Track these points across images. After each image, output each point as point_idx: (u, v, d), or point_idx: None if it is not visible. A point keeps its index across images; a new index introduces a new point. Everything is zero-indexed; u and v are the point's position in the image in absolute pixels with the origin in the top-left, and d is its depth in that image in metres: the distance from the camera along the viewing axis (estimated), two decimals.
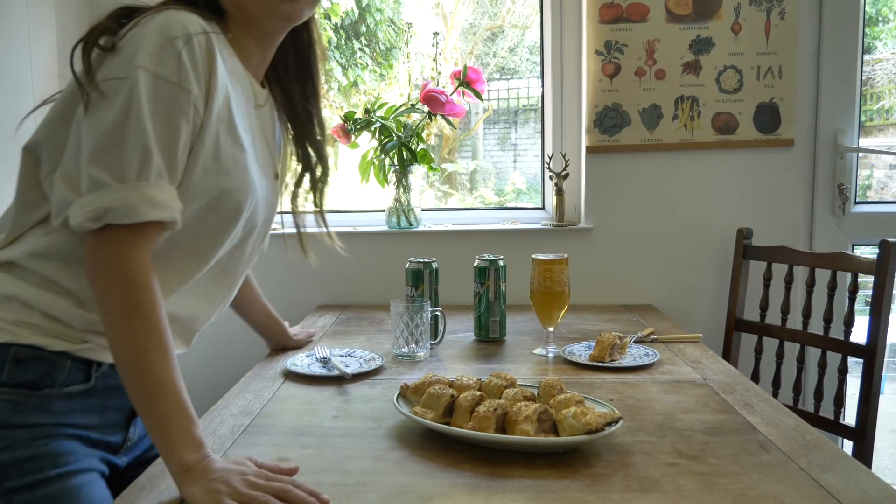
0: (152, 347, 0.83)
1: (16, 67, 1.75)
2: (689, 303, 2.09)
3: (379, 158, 2.09)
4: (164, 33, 0.87)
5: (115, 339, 0.84)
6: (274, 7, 0.98)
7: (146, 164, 0.85)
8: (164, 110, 0.86)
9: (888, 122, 2.32)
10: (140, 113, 0.85)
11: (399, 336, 1.46)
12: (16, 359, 0.90)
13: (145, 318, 0.84)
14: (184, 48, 0.87)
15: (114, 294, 0.84)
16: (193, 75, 0.88)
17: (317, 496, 0.82)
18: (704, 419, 1.10)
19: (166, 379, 0.83)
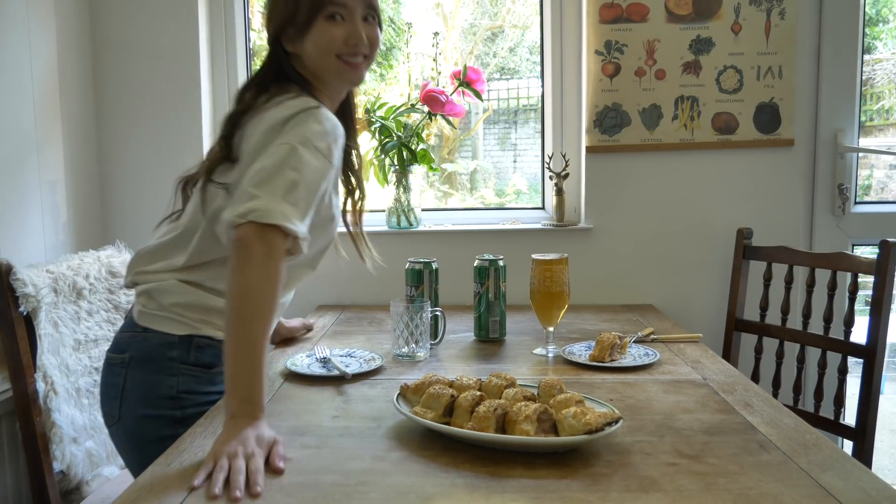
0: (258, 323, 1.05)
1: (16, 67, 1.75)
2: (689, 303, 2.09)
3: (379, 158, 2.09)
4: (324, 120, 1.21)
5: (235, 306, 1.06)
6: (344, 76, 1.32)
7: (291, 193, 1.12)
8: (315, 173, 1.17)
9: (888, 122, 2.32)
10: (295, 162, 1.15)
11: (399, 336, 1.46)
12: (197, 346, 1.26)
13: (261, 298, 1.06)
14: (337, 134, 1.22)
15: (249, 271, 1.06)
16: (338, 154, 1.23)
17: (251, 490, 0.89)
18: (704, 419, 1.10)
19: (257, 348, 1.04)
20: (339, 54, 1.29)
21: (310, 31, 1.29)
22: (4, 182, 1.70)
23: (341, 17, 1.29)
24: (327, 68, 1.31)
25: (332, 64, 1.30)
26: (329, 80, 1.33)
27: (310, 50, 1.30)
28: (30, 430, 1.46)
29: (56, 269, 1.59)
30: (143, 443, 1.24)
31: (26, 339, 1.48)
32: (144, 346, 1.27)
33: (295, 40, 1.31)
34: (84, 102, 2.05)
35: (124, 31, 2.07)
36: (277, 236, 1.09)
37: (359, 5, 1.31)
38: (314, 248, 1.31)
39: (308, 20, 1.28)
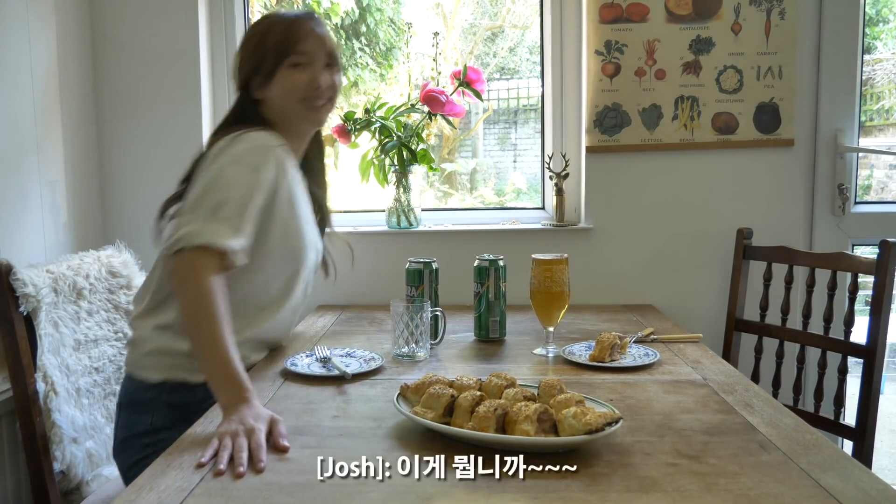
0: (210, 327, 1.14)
1: (16, 67, 1.75)
2: (689, 303, 2.09)
3: (379, 158, 2.09)
4: (256, 142, 1.35)
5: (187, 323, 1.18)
6: (307, 119, 1.45)
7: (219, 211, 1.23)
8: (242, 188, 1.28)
9: (888, 122, 2.32)
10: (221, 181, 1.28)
11: (399, 336, 1.45)
12: (170, 389, 1.35)
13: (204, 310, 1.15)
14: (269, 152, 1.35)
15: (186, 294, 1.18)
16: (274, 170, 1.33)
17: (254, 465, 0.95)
18: (704, 419, 1.10)
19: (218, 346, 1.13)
20: (302, 99, 1.42)
21: (275, 78, 1.41)
22: (4, 182, 1.70)
23: (304, 65, 1.41)
24: (291, 112, 1.43)
25: (296, 108, 1.42)
26: (293, 123, 1.45)
27: (275, 95, 1.43)
28: (30, 431, 1.46)
29: (56, 269, 1.59)
30: (124, 470, 1.39)
31: (26, 339, 1.48)
32: (127, 392, 1.41)
33: (262, 87, 1.43)
34: (84, 102, 2.05)
35: (124, 31, 2.07)
36: (205, 256, 1.19)
37: (321, 53, 1.43)
38: (282, 273, 1.42)
39: (273, 68, 1.41)
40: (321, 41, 1.44)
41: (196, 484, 0.89)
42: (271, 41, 1.41)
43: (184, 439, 1.04)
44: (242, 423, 1.01)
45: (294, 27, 1.42)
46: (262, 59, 1.41)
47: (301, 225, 1.43)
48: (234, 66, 1.48)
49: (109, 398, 1.66)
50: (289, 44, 1.41)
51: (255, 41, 1.43)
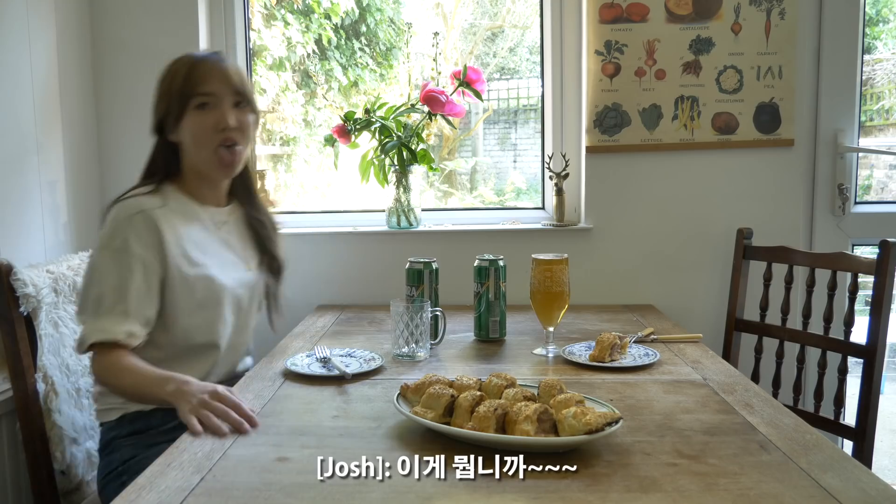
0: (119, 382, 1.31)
1: (16, 67, 1.75)
2: (689, 303, 2.09)
3: (379, 158, 2.09)
4: (119, 218, 1.35)
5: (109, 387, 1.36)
6: (217, 165, 1.44)
7: (100, 307, 1.31)
8: (113, 274, 1.32)
9: (888, 122, 2.32)
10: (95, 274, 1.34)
11: (399, 336, 1.46)
12: (129, 420, 1.40)
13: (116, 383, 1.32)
14: (129, 226, 1.34)
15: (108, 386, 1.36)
16: (138, 242, 1.34)
17: (250, 420, 1.10)
18: (704, 419, 1.10)
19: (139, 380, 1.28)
20: (211, 143, 1.41)
21: (183, 122, 1.41)
22: (4, 182, 1.70)
23: (210, 106, 1.41)
24: (203, 159, 1.43)
25: (208, 154, 1.42)
26: (205, 170, 1.45)
27: (186, 140, 1.43)
28: (30, 431, 1.46)
29: (56, 269, 1.59)
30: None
31: (27, 339, 1.48)
32: (102, 438, 1.44)
33: (174, 131, 1.44)
34: (84, 102, 2.05)
35: (124, 31, 2.07)
36: (102, 351, 1.30)
37: (227, 93, 1.42)
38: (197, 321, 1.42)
39: (180, 111, 1.41)
40: (226, 79, 1.42)
41: (196, 484, 0.89)
42: (176, 83, 1.41)
43: (183, 439, 1.04)
44: (196, 395, 1.13)
45: (197, 67, 1.42)
46: (170, 101, 1.42)
47: (208, 273, 1.41)
48: (153, 108, 1.48)
49: None
50: (192, 84, 1.40)
51: (165, 84, 1.44)
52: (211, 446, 1.01)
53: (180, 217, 1.43)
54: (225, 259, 1.48)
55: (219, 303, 1.43)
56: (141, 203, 1.38)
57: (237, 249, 1.52)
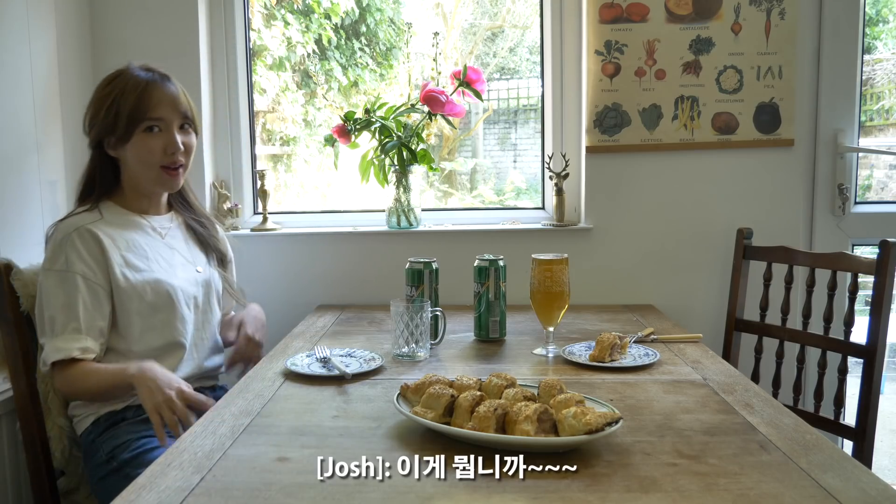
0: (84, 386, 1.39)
1: (16, 68, 1.74)
2: (689, 303, 2.09)
3: (379, 158, 2.09)
4: (57, 239, 1.41)
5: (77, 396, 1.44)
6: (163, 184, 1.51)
7: (53, 327, 1.38)
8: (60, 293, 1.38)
9: (888, 122, 2.32)
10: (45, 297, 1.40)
11: (399, 336, 1.46)
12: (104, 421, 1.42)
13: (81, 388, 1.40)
14: (66, 245, 1.40)
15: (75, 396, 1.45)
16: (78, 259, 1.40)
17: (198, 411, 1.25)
18: (704, 419, 1.10)
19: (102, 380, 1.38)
20: (157, 164, 1.47)
21: (129, 142, 1.45)
22: (4, 182, 1.70)
23: (159, 129, 1.46)
24: (147, 178, 1.49)
25: (153, 174, 1.48)
26: (147, 186, 1.51)
27: (131, 159, 1.47)
28: (30, 431, 1.46)
29: None
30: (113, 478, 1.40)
31: (27, 339, 1.48)
32: (84, 450, 1.45)
33: (116, 148, 1.47)
34: (84, 102, 2.03)
35: (124, 31, 2.07)
36: (62, 367, 1.36)
37: (175, 117, 1.47)
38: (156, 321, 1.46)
39: (127, 133, 1.44)
40: (174, 104, 1.47)
41: (196, 484, 0.89)
42: (125, 105, 1.43)
43: (183, 439, 1.04)
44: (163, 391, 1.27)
45: (146, 92, 1.45)
46: (115, 121, 1.44)
47: (154, 276, 1.47)
48: (86, 119, 1.49)
49: None
50: (143, 109, 1.44)
51: (109, 102, 1.44)
52: (211, 446, 1.01)
53: (120, 228, 1.48)
54: (173, 262, 1.53)
55: (172, 303, 1.48)
56: (78, 221, 1.44)
57: (184, 252, 1.58)
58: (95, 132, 1.47)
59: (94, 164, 1.51)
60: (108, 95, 1.45)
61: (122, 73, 1.48)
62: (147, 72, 1.49)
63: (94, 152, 1.51)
